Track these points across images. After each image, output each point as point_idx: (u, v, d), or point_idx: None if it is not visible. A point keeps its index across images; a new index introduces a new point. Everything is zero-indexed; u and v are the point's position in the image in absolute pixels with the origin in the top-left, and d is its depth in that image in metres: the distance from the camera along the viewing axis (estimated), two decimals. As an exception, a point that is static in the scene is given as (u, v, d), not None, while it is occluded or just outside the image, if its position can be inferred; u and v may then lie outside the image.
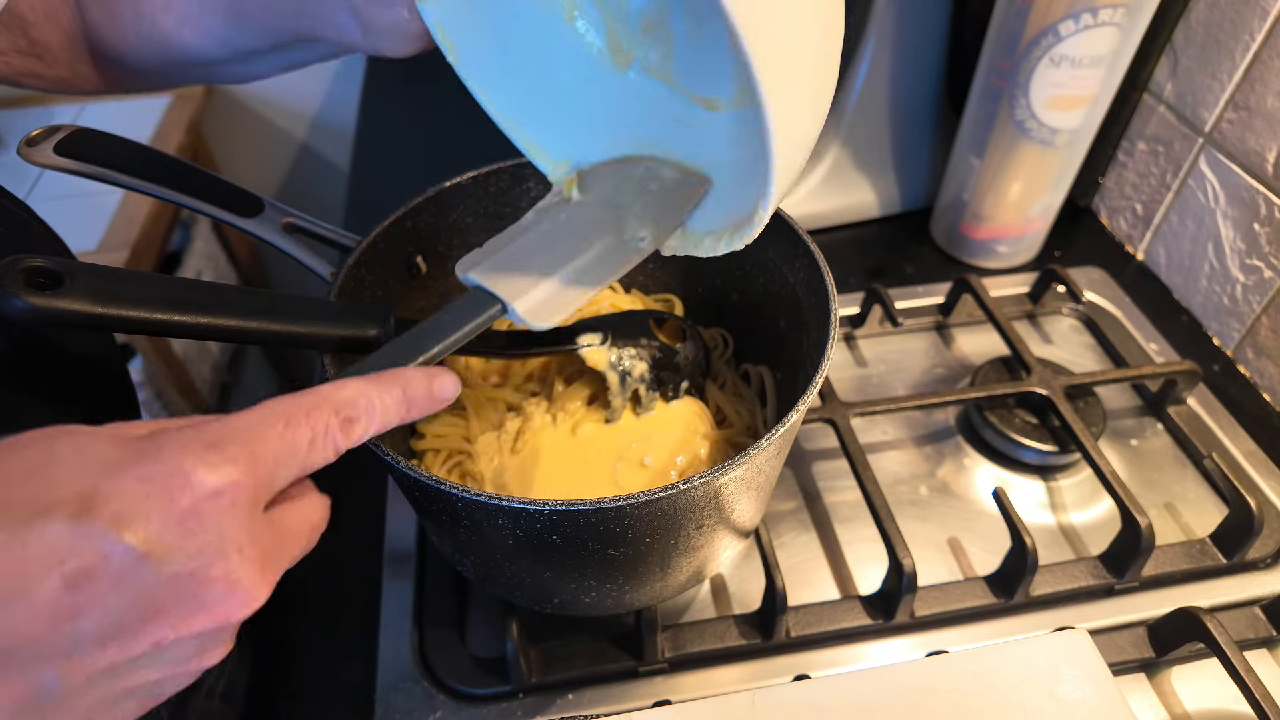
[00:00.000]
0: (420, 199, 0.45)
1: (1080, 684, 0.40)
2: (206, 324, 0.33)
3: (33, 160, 0.37)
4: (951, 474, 0.57)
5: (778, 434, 0.34)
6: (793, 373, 0.46)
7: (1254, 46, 0.59)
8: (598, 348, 0.48)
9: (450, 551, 0.43)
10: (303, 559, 0.27)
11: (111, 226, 1.04)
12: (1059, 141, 0.63)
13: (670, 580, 0.42)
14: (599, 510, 0.32)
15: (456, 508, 0.35)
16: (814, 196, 0.75)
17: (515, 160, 0.48)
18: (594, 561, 0.37)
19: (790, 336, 0.46)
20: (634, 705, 0.45)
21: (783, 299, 0.47)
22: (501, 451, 0.46)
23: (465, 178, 0.47)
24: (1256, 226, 0.61)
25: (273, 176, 1.47)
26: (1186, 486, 0.56)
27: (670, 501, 0.33)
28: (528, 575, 0.40)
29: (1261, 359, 0.62)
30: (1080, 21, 0.56)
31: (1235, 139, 0.62)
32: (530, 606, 0.44)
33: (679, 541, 0.38)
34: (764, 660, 0.47)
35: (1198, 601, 0.48)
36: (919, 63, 0.70)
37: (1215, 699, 0.46)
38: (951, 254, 0.74)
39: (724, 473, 0.33)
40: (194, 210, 0.39)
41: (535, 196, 0.49)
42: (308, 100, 1.38)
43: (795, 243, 0.43)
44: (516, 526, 0.34)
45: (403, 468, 0.33)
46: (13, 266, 0.29)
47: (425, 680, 0.46)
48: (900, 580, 0.46)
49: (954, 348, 0.66)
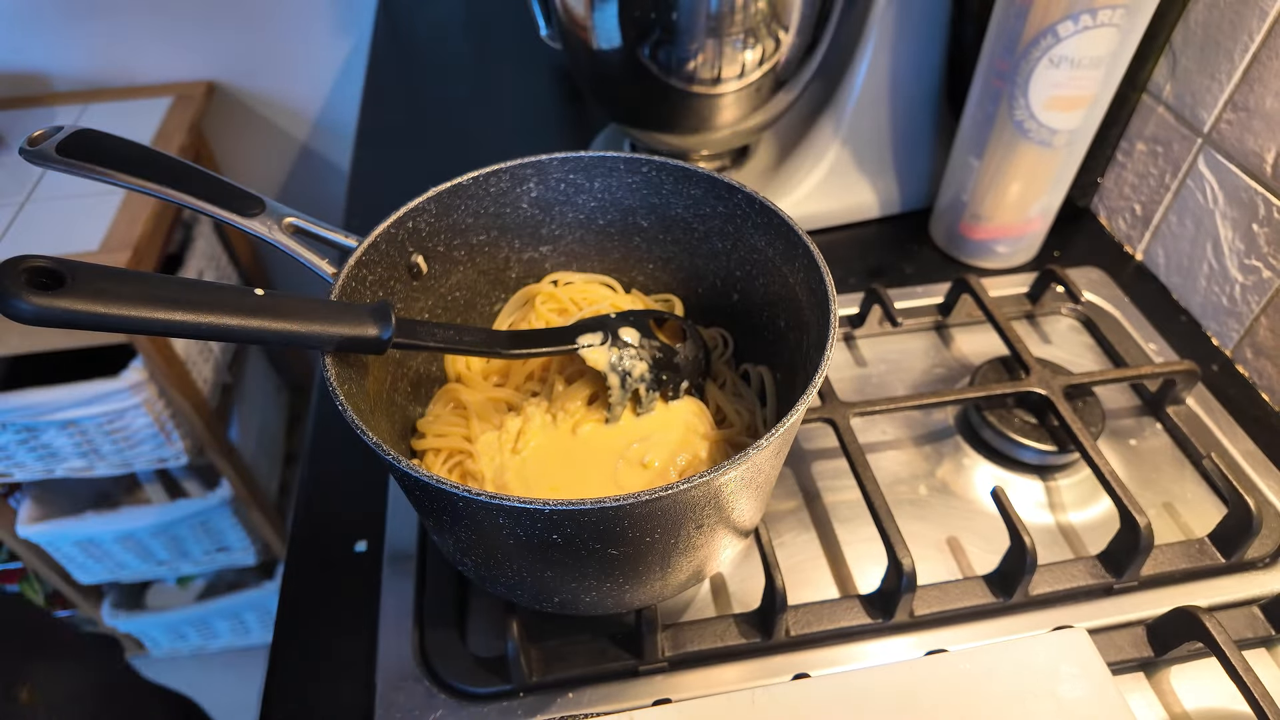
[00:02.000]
0: (421, 199, 0.45)
1: (1079, 683, 0.40)
2: (208, 324, 0.33)
3: (35, 160, 0.37)
4: (951, 474, 0.57)
5: (777, 434, 0.34)
6: (792, 373, 0.47)
7: (1253, 47, 0.59)
8: (598, 348, 0.48)
9: (451, 551, 0.43)
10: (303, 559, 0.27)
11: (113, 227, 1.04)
12: (1058, 142, 0.63)
13: (670, 580, 0.42)
14: (599, 510, 0.32)
15: (457, 507, 0.35)
16: (814, 196, 0.75)
17: (516, 160, 0.48)
18: (594, 561, 0.37)
19: (790, 336, 0.46)
20: (634, 704, 0.45)
21: (783, 299, 0.47)
22: (502, 451, 0.46)
23: (466, 178, 0.47)
24: (1255, 227, 0.61)
25: (273, 176, 1.48)
26: (1185, 486, 0.56)
27: (670, 501, 0.33)
28: (528, 574, 0.40)
29: (1260, 359, 0.62)
30: (1079, 22, 0.57)
31: (1234, 139, 0.62)
32: (531, 606, 0.44)
33: (679, 541, 0.38)
34: (764, 659, 0.47)
35: (1197, 601, 0.48)
36: (919, 63, 0.70)
37: (1214, 698, 0.46)
38: (951, 254, 0.74)
39: (724, 472, 0.33)
40: (195, 210, 0.39)
41: (535, 197, 0.50)
42: (308, 100, 1.38)
43: (795, 243, 0.43)
44: (517, 526, 0.34)
45: (404, 467, 0.33)
46: (14, 266, 0.29)
47: (426, 679, 0.46)
48: (899, 579, 0.46)
49: (953, 348, 0.66)
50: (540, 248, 0.52)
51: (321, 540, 0.54)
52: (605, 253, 0.53)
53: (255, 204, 0.41)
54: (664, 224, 0.51)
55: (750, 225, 0.47)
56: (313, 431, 0.62)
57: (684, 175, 0.48)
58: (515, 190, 0.49)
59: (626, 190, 0.50)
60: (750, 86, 0.64)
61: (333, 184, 1.49)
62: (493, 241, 0.50)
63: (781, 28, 0.61)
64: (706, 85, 0.63)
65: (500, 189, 0.48)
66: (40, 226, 1.06)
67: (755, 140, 0.80)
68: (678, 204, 0.50)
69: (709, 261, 0.51)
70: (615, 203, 0.51)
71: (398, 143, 0.94)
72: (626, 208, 0.51)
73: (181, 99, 1.27)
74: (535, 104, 1.00)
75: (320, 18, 1.28)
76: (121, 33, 1.24)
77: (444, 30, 1.17)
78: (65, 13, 1.21)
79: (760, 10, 0.59)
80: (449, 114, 0.99)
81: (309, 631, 0.50)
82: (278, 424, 1.58)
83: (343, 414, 0.35)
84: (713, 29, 0.59)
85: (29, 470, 1.19)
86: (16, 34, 1.22)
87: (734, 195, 0.47)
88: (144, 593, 1.53)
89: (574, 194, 0.50)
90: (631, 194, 0.50)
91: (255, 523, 1.38)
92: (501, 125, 0.97)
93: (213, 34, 1.27)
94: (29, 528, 1.23)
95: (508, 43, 1.12)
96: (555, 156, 0.48)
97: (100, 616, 1.46)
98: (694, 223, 0.50)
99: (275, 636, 0.50)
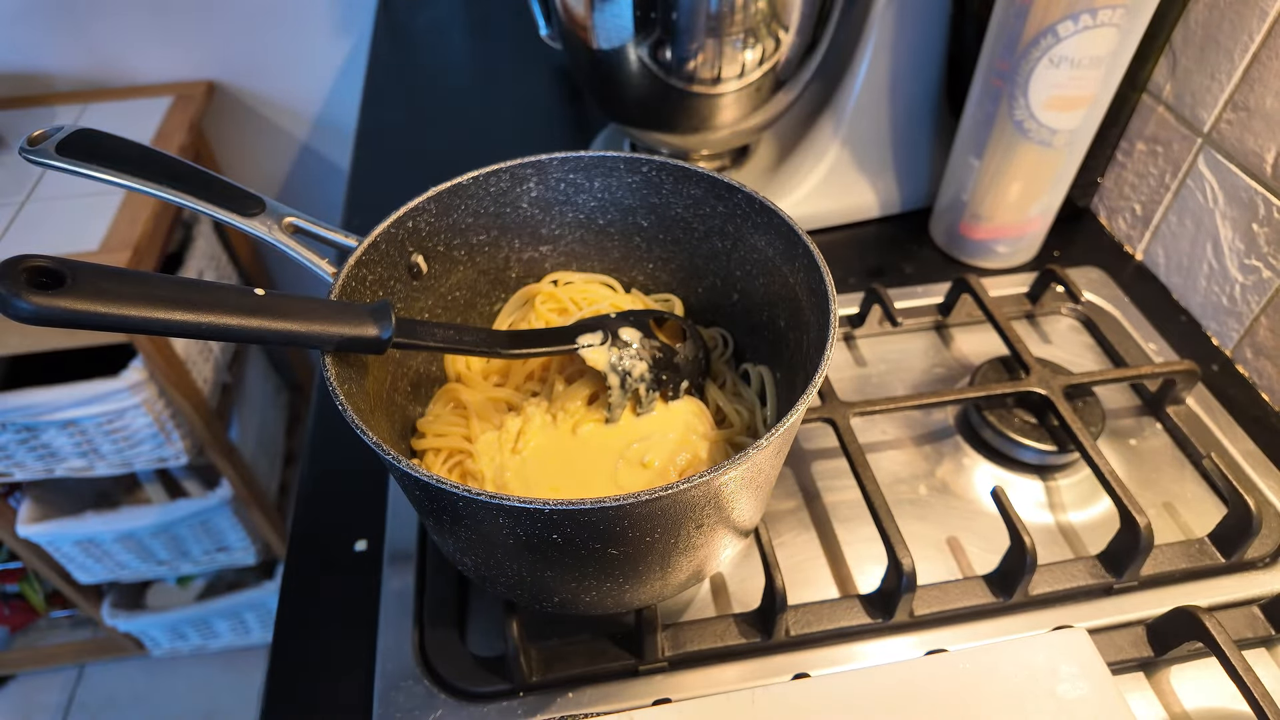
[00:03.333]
0: (421, 199, 0.45)
1: (1079, 683, 0.40)
2: (208, 324, 0.33)
3: (34, 160, 0.37)
4: (951, 473, 0.57)
5: (777, 433, 0.34)
6: (792, 372, 0.47)
7: (1253, 47, 0.59)
8: (598, 348, 0.48)
9: (451, 551, 0.43)
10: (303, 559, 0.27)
11: (113, 226, 1.04)
12: (1058, 142, 0.63)
13: (670, 579, 0.42)
14: (599, 509, 0.32)
15: (457, 507, 0.35)
16: (814, 196, 0.75)
17: (516, 160, 0.48)
18: (594, 560, 0.37)
19: (790, 336, 0.46)
20: (634, 704, 0.45)
21: (783, 299, 0.47)
22: (502, 451, 0.46)
23: (466, 178, 0.47)
24: (1255, 227, 0.61)
25: (273, 176, 1.48)
26: (1185, 486, 0.56)
27: (670, 501, 0.33)
28: (528, 574, 0.40)
29: (1260, 359, 0.62)
30: (1079, 22, 0.57)
31: (1234, 139, 0.62)
32: (531, 606, 0.44)
33: (679, 541, 0.38)
34: (764, 659, 0.47)
35: (1196, 601, 0.48)
36: (919, 63, 0.71)
37: (1214, 698, 0.46)
38: (951, 254, 0.74)
39: (724, 472, 0.33)
40: (195, 210, 0.39)
41: (535, 196, 0.50)
42: (308, 100, 1.38)
43: (795, 243, 0.43)
44: (517, 525, 0.34)
45: (404, 467, 0.33)
46: (15, 266, 0.29)
47: (426, 679, 0.46)
48: (899, 579, 0.46)
49: (953, 348, 0.66)
50: (540, 247, 0.52)
51: (321, 540, 0.54)
52: (605, 252, 0.54)
53: (255, 204, 0.41)
54: (664, 224, 0.51)
55: (750, 225, 0.47)
56: (313, 431, 0.62)
57: (684, 175, 0.48)
58: (515, 190, 0.49)
59: (626, 190, 0.50)
60: (750, 86, 0.64)
61: (333, 184, 1.49)
62: (493, 241, 0.50)
63: (781, 28, 0.61)
64: (706, 85, 0.63)
65: (500, 189, 0.48)
66: (40, 226, 1.06)
67: (755, 140, 0.80)
68: (677, 204, 0.50)
69: (709, 261, 0.51)
70: (615, 202, 0.51)
71: (398, 143, 0.94)
72: (626, 207, 0.51)
73: (181, 99, 1.27)
74: (535, 104, 1.00)
75: (320, 18, 1.28)
76: (121, 33, 1.24)
77: (444, 30, 1.17)
78: (65, 13, 1.21)
79: (760, 10, 0.59)
80: (449, 114, 0.99)
81: (309, 631, 0.50)
82: (278, 424, 1.58)
83: (343, 414, 0.35)
84: (713, 29, 0.59)
85: (29, 470, 1.19)
86: (16, 34, 1.22)
87: (734, 195, 0.47)
88: (144, 593, 1.53)
89: (574, 194, 0.50)
90: (631, 194, 0.50)
91: (255, 523, 1.38)
92: (502, 125, 0.97)
93: (213, 34, 1.27)
94: (29, 528, 1.23)
95: (508, 43, 1.13)
96: (555, 156, 0.48)
97: (100, 616, 1.46)
98: (694, 222, 0.50)
99: (275, 636, 0.50)
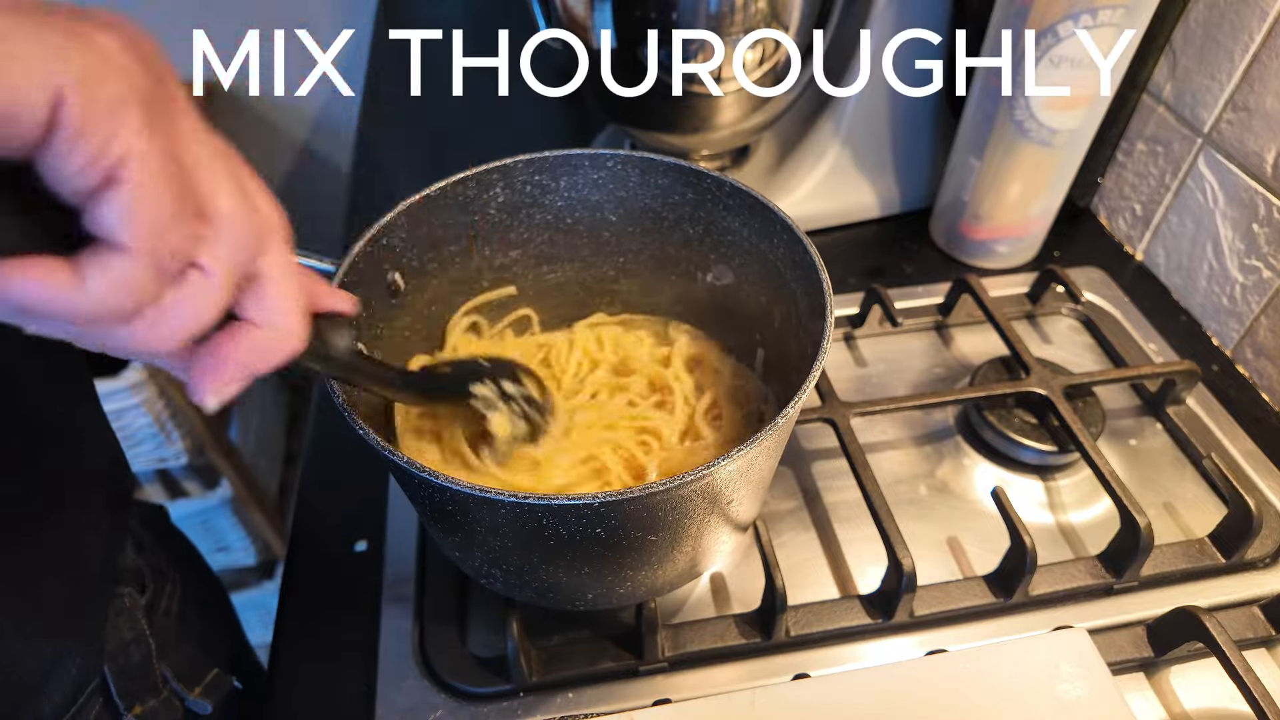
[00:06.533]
0: (391, 214, 0.44)
1: (1079, 683, 0.40)
2: None
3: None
4: (951, 474, 0.57)
5: (774, 429, 0.34)
6: (789, 371, 0.47)
7: (1253, 47, 0.59)
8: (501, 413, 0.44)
9: (450, 549, 0.43)
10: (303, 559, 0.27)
11: (112, 226, 1.04)
12: (1058, 142, 0.63)
13: (668, 572, 0.42)
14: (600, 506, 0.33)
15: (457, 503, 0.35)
16: (813, 196, 0.75)
17: (481, 167, 0.47)
18: (592, 555, 0.38)
19: (786, 335, 0.46)
20: (634, 704, 0.45)
21: (779, 298, 0.47)
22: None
23: (433, 188, 0.45)
24: (1255, 227, 0.61)
25: (273, 176, 1.48)
26: (1185, 486, 0.56)
27: (665, 496, 0.34)
28: (528, 569, 0.40)
29: (1260, 359, 0.62)
30: (1079, 22, 0.57)
31: (1234, 139, 0.62)
32: (530, 601, 0.44)
33: (675, 535, 0.38)
34: (764, 659, 0.47)
35: (1197, 601, 0.48)
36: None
37: (1214, 698, 0.46)
38: (951, 254, 0.74)
39: (720, 468, 0.33)
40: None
41: (503, 202, 0.49)
42: (308, 100, 1.38)
43: (793, 243, 0.43)
44: (515, 521, 0.34)
45: (405, 464, 0.33)
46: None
47: (426, 679, 0.46)
48: (900, 579, 0.46)
49: (953, 348, 0.66)
50: (510, 252, 0.51)
51: (321, 540, 0.54)
52: (574, 250, 0.53)
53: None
54: (632, 216, 0.51)
55: (721, 208, 0.47)
56: (313, 431, 0.62)
57: (649, 166, 0.48)
58: (483, 196, 0.48)
59: (592, 186, 0.50)
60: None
61: (332, 184, 1.49)
62: (463, 251, 0.49)
63: (781, 28, 0.61)
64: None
65: (467, 196, 0.47)
66: (40, 226, 1.05)
67: (755, 140, 0.80)
68: (645, 195, 0.49)
69: (680, 249, 0.51)
70: (582, 200, 0.50)
71: (398, 143, 0.94)
72: (593, 204, 0.50)
73: (181, 99, 1.27)
74: (535, 104, 1.00)
75: (320, 17, 1.28)
76: (121, 33, 1.24)
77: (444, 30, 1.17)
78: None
79: (760, 10, 0.59)
80: (449, 114, 0.99)
81: (309, 631, 0.50)
82: (278, 424, 1.58)
83: (343, 414, 0.35)
84: (712, 29, 0.59)
85: (29, 470, 1.19)
86: (16, 34, 1.22)
87: (703, 180, 0.47)
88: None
89: (540, 195, 0.49)
90: (598, 189, 0.50)
91: (255, 523, 1.38)
92: (502, 125, 0.97)
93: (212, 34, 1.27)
94: (29, 528, 1.22)
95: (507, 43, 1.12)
96: (520, 159, 0.47)
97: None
98: (663, 212, 0.50)
99: (275, 636, 0.50)
